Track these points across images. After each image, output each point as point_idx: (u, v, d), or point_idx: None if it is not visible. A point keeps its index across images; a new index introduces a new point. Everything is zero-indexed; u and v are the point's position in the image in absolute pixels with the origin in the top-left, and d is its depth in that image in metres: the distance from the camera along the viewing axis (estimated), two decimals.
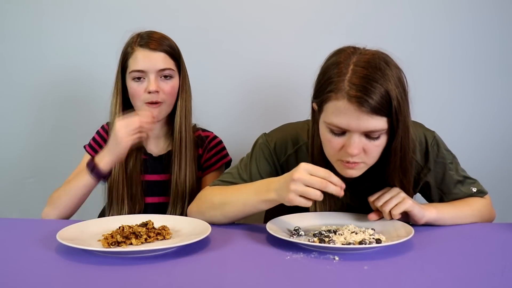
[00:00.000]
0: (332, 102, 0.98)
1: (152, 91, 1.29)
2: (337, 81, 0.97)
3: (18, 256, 0.94)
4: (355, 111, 0.95)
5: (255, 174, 1.20)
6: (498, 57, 1.80)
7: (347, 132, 0.99)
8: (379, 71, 0.96)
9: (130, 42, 1.33)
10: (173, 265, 0.88)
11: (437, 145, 1.18)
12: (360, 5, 1.78)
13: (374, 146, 1.00)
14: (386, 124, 0.98)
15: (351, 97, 0.94)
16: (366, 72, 0.96)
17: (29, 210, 1.87)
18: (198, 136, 1.43)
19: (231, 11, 1.79)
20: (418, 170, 1.17)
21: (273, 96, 1.82)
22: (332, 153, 1.04)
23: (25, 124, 1.85)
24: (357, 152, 0.99)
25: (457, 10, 1.79)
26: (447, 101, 1.82)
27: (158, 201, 1.40)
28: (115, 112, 1.34)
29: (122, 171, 1.35)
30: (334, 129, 1.00)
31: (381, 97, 0.94)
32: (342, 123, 0.98)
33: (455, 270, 0.85)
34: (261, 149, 1.22)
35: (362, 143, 0.99)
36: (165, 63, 1.31)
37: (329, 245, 0.93)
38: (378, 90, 0.94)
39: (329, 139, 1.02)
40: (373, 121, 0.96)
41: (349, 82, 0.95)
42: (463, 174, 1.23)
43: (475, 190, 1.22)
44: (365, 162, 1.03)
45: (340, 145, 1.01)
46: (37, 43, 1.81)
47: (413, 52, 1.79)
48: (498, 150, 1.83)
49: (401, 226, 1.04)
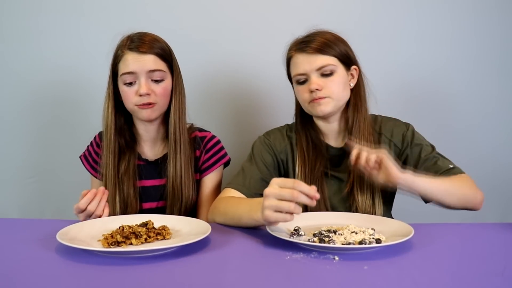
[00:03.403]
0: (291, 62, 1.31)
1: (143, 93, 1.28)
2: (290, 48, 1.32)
3: (18, 256, 0.94)
4: (305, 57, 1.27)
5: (261, 167, 1.33)
6: (498, 57, 1.80)
7: (307, 77, 1.27)
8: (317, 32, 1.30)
9: (120, 45, 1.31)
10: (173, 265, 0.88)
11: (413, 131, 1.33)
12: (360, 5, 1.78)
13: (330, 81, 1.26)
14: (333, 61, 1.26)
15: (298, 49, 1.29)
16: (308, 35, 1.31)
17: (29, 210, 1.87)
18: (195, 138, 1.41)
19: (231, 11, 1.79)
20: (396, 153, 1.32)
21: (273, 97, 1.82)
22: (304, 98, 1.29)
23: (25, 124, 1.85)
24: (317, 86, 1.25)
25: (459, 10, 1.79)
26: (447, 101, 1.82)
27: (156, 206, 1.39)
28: (107, 115, 1.34)
29: (114, 174, 1.34)
30: (298, 78, 1.29)
31: (320, 41, 1.26)
32: (300, 69, 1.28)
33: (455, 270, 0.85)
34: (261, 144, 1.38)
35: (320, 81, 1.26)
36: (155, 64, 1.29)
37: (329, 245, 0.93)
38: (317, 36, 1.28)
39: (299, 90, 1.31)
40: (320, 59, 1.25)
41: (295, 42, 1.31)
42: (441, 154, 1.29)
43: (452, 166, 1.25)
44: (330, 97, 1.27)
45: (306, 89, 1.28)
46: (36, 44, 1.81)
47: (414, 52, 1.80)
48: (498, 150, 1.83)
49: (401, 226, 1.04)
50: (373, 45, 1.76)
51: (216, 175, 1.42)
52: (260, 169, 1.33)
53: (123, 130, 1.38)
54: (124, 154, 1.37)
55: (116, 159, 1.35)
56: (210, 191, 1.41)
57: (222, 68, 1.81)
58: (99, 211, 1.16)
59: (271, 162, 1.36)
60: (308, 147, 1.34)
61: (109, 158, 1.34)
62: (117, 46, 1.33)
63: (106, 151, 1.35)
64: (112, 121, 1.34)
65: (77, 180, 1.56)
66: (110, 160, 1.34)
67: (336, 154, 1.35)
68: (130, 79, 1.29)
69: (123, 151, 1.37)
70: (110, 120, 1.34)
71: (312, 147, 1.34)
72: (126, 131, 1.38)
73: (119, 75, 1.31)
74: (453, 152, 1.33)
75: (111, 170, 1.34)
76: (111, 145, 1.34)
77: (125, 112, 1.37)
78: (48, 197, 1.86)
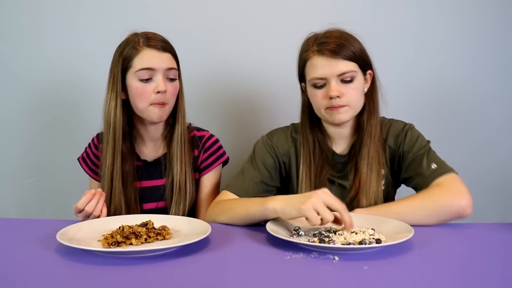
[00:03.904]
0: (308, 63, 1.24)
1: (162, 91, 1.27)
2: (307, 48, 1.24)
3: (18, 256, 0.94)
4: (326, 60, 1.20)
5: (262, 169, 1.31)
6: (498, 57, 1.80)
7: (326, 82, 1.21)
8: (336, 33, 1.23)
9: (131, 42, 1.30)
10: (173, 265, 0.88)
11: (408, 130, 1.29)
12: (360, 6, 1.78)
13: (351, 88, 1.22)
14: (354, 67, 1.21)
15: (319, 51, 1.21)
16: (326, 35, 1.23)
17: (28, 210, 1.87)
18: (193, 137, 1.42)
19: (230, 11, 1.79)
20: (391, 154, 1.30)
21: (273, 97, 1.82)
22: (321, 104, 1.24)
23: (24, 124, 1.85)
24: (338, 93, 1.20)
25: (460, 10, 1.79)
26: (447, 100, 1.82)
27: (156, 206, 1.39)
28: (115, 115, 1.30)
29: (120, 175, 1.33)
30: (316, 82, 1.23)
31: (342, 45, 1.20)
32: (319, 73, 1.21)
33: (455, 270, 0.85)
34: (263, 145, 1.35)
35: (339, 87, 1.21)
36: (171, 63, 1.31)
37: (329, 245, 0.93)
38: (338, 39, 1.21)
39: (315, 94, 1.24)
40: (341, 64, 1.20)
41: (315, 44, 1.23)
42: (430, 152, 1.25)
43: (434, 167, 1.21)
44: (348, 105, 1.23)
45: (324, 95, 1.23)
46: (35, 44, 1.81)
47: (414, 52, 1.79)
48: (498, 150, 1.83)
49: (401, 226, 1.04)
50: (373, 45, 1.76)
51: (215, 174, 1.42)
52: (261, 171, 1.31)
53: (125, 131, 1.35)
54: (125, 155, 1.36)
55: (121, 161, 1.33)
56: (209, 190, 1.41)
57: (222, 69, 1.81)
58: (97, 211, 1.16)
59: (273, 165, 1.33)
60: (314, 151, 1.31)
61: (116, 160, 1.32)
62: (126, 43, 1.31)
63: (112, 153, 1.32)
64: (121, 121, 1.31)
65: (77, 180, 1.56)
66: (117, 162, 1.32)
67: (341, 161, 1.32)
68: (147, 75, 1.28)
69: (123, 153, 1.36)
70: (118, 120, 1.31)
71: (318, 151, 1.31)
72: (127, 132, 1.36)
73: (132, 71, 1.28)
74: (453, 152, 1.33)
75: (118, 173, 1.32)
76: (118, 147, 1.32)
77: (127, 112, 1.35)
78: (48, 197, 1.86)
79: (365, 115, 1.28)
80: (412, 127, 1.31)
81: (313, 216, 0.97)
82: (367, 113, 1.28)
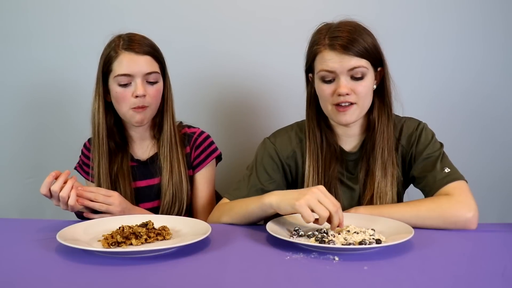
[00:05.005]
0: (318, 56, 1.18)
1: (140, 95, 1.27)
2: (319, 40, 1.19)
3: (18, 256, 0.94)
4: (337, 55, 1.15)
5: (263, 176, 1.27)
6: (498, 57, 1.80)
7: (336, 77, 1.16)
8: (349, 25, 1.18)
9: (113, 45, 1.30)
10: (173, 265, 0.88)
11: (422, 130, 1.26)
12: (362, 6, 1.78)
13: (361, 86, 1.17)
14: (365, 64, 1.16)
15: (330, 45, 1.15)
16: (340, 28, 1.18)
17: (29, 210, 1.87)
18: (184, 134, 1.42)
19: (229, 11, 1.79)
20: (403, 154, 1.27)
21: (273, 97, 1.82)
22: (327, 99, 1.19)
23: (24, 124, 1.85)
24: (347, 91, 1.15)
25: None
26: (447, 100, 1.82)
27: (151, 206, 1.39)
28: (98, 117, 1.32)
29: (107, 176, 1.34)
30: (325, 76, 1.17)
31: (355, 40, 1.15)
32: (328, 66, 1.16)
33: (455, 270, 0.85)
34: (265, 149, 1.30)
35: (349, 84, 1.16)
36: (151, 66, 1.30)
37: (329, 245, 0.93)
38: (350, 33, 1.15)
39: (323, 88, 1.19)
40: (353, 60, 1.15)
41: (328, 36, 1.17)
42: (444, 155, 1.23)
43: (448, 171, 1.18)
44: (357, 103, 1.18)
45: (332, 90, 1.17)
46: (35, 45, 1.81)
47: (415, 53, 1.79)
48: (498, 149, 1.83)
49: (401, 226, 1.04)
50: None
51: (209, 170, 1.42)
52: (262, 178, 1.27)
53: (113, 131, 1.37)
54: (116, 156, 1.37)
55: (108, 161, 1.34)
56: (204, 187, 1.41)
57: (220, 70, 1.81)
58: (65, 193, 1.14)
59: (276, 169, 1.28)
60: (322, 145, 1.26)
61: (102, 160, 1.34)
62: (108, 45, 1.32)
63: (98, 154, 1.34)
64: (103, 122, 1.33)
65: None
66: (102, 162, 1.34)
67: (351, 159, 1.28)
68: (126, 80, 1.28)
69: (114, 153, 1.37)
70: (101, 121, 1.33)
71: (326, 145, 1.26)
72: (116, 133, 1.38)
73: (112, 76, 1.29)
74: (453, 152, 1.33)
75: (104, 173, 1.33)
76: (103, 147, 1.33)
77: (115, 113, 1.36)
78: None
79: (375, 113, 1.24)
80: (426, 127, 1.28)
81: (306, 212, 0.98)
82: (377, 111, 1.24)
